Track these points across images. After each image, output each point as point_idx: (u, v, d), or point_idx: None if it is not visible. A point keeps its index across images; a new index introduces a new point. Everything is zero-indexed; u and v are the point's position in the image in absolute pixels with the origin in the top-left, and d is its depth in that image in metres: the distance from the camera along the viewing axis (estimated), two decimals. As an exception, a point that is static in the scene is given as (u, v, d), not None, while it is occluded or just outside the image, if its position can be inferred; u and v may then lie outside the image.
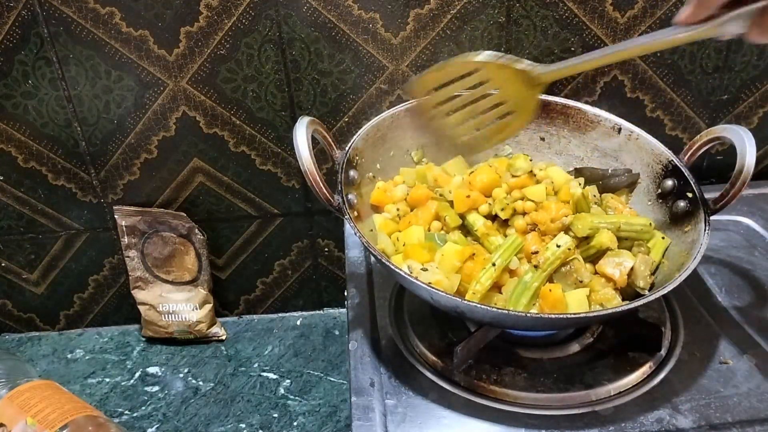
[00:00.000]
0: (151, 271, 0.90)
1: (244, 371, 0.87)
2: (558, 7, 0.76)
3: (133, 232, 0.88)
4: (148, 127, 0.81)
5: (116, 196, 0.87)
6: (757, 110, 0.85)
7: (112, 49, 0.76)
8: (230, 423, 0.80)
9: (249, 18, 0.75)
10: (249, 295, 0.97)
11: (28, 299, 0.95)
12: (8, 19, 0.74)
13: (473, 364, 0.58)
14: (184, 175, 0.85)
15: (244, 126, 0.82)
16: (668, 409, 0.54)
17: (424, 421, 0.54)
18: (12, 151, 0.82)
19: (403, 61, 0.78)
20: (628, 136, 0.70)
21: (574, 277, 0.58)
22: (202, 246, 0.89)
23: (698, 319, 0.64)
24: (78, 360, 0.91)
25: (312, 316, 0.97)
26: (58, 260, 0.92)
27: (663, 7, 0.76)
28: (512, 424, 0.53)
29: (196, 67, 0.78)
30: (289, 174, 0.86)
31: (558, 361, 0.59)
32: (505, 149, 0.74)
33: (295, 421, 0.80)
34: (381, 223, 0.65)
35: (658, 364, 0.58)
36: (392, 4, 0.75)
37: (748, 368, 0.57)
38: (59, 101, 0.79)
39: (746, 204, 0.80)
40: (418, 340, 0.61)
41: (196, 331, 0.91)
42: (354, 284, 0.70)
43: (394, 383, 0.58)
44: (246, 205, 0.89)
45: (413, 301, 0.66)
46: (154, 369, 0.89)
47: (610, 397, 0.55)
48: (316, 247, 0.93)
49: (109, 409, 0.82)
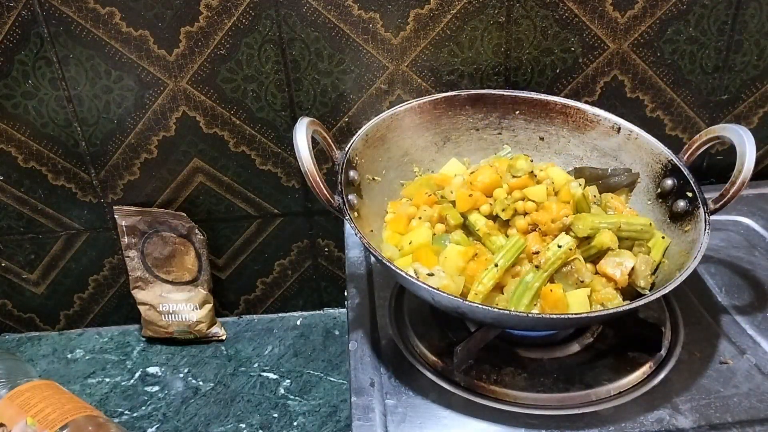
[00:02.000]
0: (151, 271, 0.90)
1: (244, 371, 0.87)
2: (558, 7, 0.76)
3: (133, 232, 0.88)
4: (148, 127, 0.81)
5: (116, 196, 0.87)
6: (757, 110, 0.85)
7: (112, 49, 0.76)
8: (230, 423, 0.80)
9: (249, 18, 0.75)
10: (249, 295, 0.97)
11: (28, 299, 0.95)
12: (8, 19, 0.74)
13: (473, 364, 0.58)
14: (184, 175, 0.85)
15: (244, 126, 0.82)
16: (668, 409, 0.54)
17: (424, 421, 0.54)
18: (12, 151, 0.82)
19: (403, 61, 0.78)
20: (628, 135, 0.70)
21: (575, 277, 0.58)
22: (202, 246, 0.89)
23: (698, 319, 0.64)
24: (78, 360, 0.91)
25: (312, 316, 0.97)
26: (58, 260, 0.92)
27: (663, 7, 0.76)
28: (512, 424, 0.53)
29: (196, 67, 0.78)
30: (289, 174, 0.86)
31: (558, 361, 0.59)
32: (504, 149, 0.74)
33: (295, 421, 0.80)
34: (388, 235, 0.66)
35: (658, 364, 0.58)
36: (392, 4, 0.75)
37: (748, 368, 0.57)
38: (59, 101, 0.79)
39: (746, 204, 0.80)
40: (418, 340, 0.61)
41: (196, 331, 0.91)
42: (354, 284, 0.70)
43: (394, 383, 0.58)
44: (246, 205, 0.89)
45: (413, 301, 0.66)
46: (154, 369, 0.89)
47: (610, 397, 0.55)
48: (316, 247, 0.93)
49: (109, 409, 0.82)
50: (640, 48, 0.79)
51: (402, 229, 0.66)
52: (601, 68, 0.80)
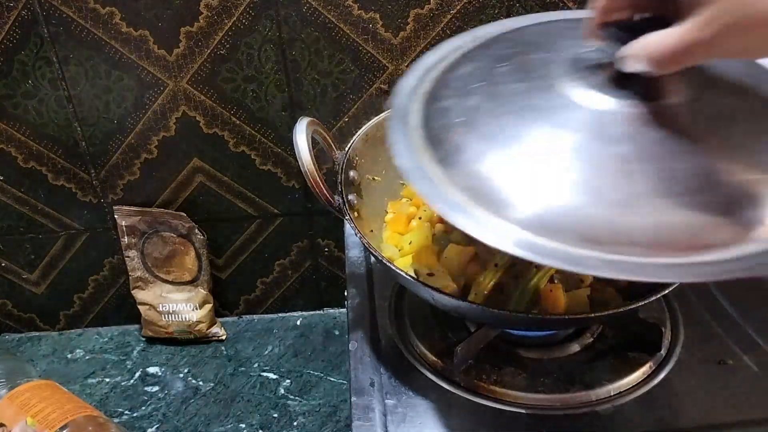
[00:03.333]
0: (151, 271, 0.90)
1: (244, 371, 0.87)
2: (558, 7, 0.76)
3: (133, 232, 0.88)
4: (148, 127, 0.81)
5: (116, 196, 0.87)
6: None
7: (112, 49, 0.76)
8: (230, 423, 0.80)
9: (249, 18, 0.75)
10: (249, 295, 0.97)
11: (28, 299, 0.95)
12: (8, 19, 0.74)
13: (473, 364, 0.58)
14: (184, 175, 0.85)
15: (244, 126, 0.82)
16: (668, 409, 0.54)
17: (424, 421, 0.54)
18: (12, 151, 0.82)
19: (403, 61, 0.78)
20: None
21: (575, 277, 0.58)
22: (202, 246, 0.89)
23: (698, 319, 0.64)
24: (78, 360, 0.91)
25: (312, 316, 0.97)
26: (58, 260, 0.92)
27: (663, 7, 0.76)
28: (512, 425, 0.53)
29: (196, 67, 0.78)
30: (289, 174, 0.86)
31: (558, 361, 0.59)
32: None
33: (295, 421, 0.80)
34: (388, 235, 0.66)
35: (658, 364, 0.58)
36: (392, 4, 0.75)
37: (748, 368, 0.57)
38: (59, 101, 0.79)
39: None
40: (418, 340, 0.61)
41: (196, 331, 0.91)
42: (354, 284, 0.70)
43: (394, 383, 0.58)
44: (246, 205, 0.89)
45: (413, 301, 0.66)
46: (154, 369, 0.89)
47: (610, 397, 0.55)
48: (316, 247, 0.93)
49: (109, 409, 0.82)
50: (640, 48, 0.79)
51: (402, 229, 0.66)
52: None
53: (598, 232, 0.38)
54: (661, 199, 0.39)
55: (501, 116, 0.44)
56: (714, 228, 0.38)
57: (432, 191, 0.43)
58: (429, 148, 0.46)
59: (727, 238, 0.38)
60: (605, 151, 0.41)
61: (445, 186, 0.43)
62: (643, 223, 0.38)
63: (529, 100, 0.44)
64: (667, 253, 0.38)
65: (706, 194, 0.39)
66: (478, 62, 0.50)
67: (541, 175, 0.41)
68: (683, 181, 0.39)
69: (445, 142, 0.45)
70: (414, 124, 0.48)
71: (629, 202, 0.39)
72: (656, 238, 0.38)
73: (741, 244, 0.38)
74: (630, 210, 0.39)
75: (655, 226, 0.38)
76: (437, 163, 0.45)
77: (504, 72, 0.47)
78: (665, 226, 0.38)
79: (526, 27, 0.54)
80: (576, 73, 0.44)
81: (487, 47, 0.52)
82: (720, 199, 0.39)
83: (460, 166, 0.43)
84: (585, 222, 0.39)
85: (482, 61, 0.50)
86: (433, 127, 0.47)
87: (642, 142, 0.40)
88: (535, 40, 0.51)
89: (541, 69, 0.46)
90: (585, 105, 0.43)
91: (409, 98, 0.50)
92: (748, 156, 0.41)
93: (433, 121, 0.48)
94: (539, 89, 0.44)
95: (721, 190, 0.39)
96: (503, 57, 0.49)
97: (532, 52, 0.48)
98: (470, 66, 0.50)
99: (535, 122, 0.43)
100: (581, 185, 0.40)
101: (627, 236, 0.38)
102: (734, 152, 0.41)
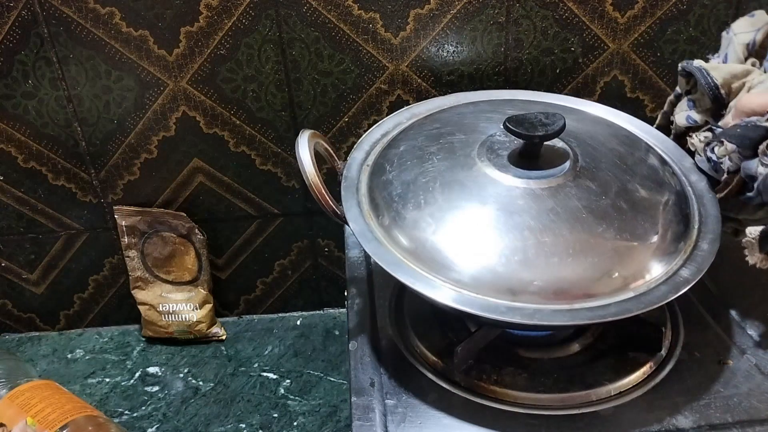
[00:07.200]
0: (151, 271, 0.90)
1: (244, 371, 0.87)
2: (558, 7, 0.76)
3: (133, 232, 0.88)
4: (148, 127, 0.81)
5: (116, 196, 0.87)
6: (757, 110, 0.84)
7: (112, 49, 0.76)
8: (230, 423, 0.80)
9: (249, 18, 0.75)
10: (249, 295, 0.97)
11: (28, 299, 0.95)
12: (8, 19, 0.74)
13: (473, 364, 0.58)
14: (184, 175, 0.85)
15: (244, 126, 0.82)
16: (668, 409, 0.54)
17: (424, 421, 0.54)
18: (12, 151, 0.82)
19: (403, 61, 0.78)
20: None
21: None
22: (202, 246, 0.89)
23: (698, 319, 0.64)
24: (78, 360, 0.91)
25: (312, 316, 0.97)
26: (58, 260, 0.92)
27: (663, 7, 0.76)
28: (512, 425, 0.53)
29: (196, 67, 0.78)
30: (289, 174, 0.86)
31: (558, 361, 0.59)
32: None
33: (295, 421, 0.80)
34: None
35: (658, 364, 0.58)
36: (392, 4, 0.75)
37: (748, 368, 0.57)
38: (59, 101, 0.79)
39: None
40: (418, 340, 0.61)
41: (196, 331, 0.91)
42: (354, 284, 0.70)
43: (394, 383, 0.58)
44: (246, 205, 0.89)
45: (413, 302, 0.66)
46: (154, 369, 0.89)
47: (611, 397, 0.55)
48: (316, 247, 0.93)
49: (109, 409, 0.82)
50: (640, 48, 0.79)
51: None
52: (601, 68, 0.80)
53: (513, 285, 0.50)
54: (554, 258, 0.50)
55: (433, 190, 0.55)
56: (595, 281, 0.51)
57: (379, 252, 0.54)
58: (375, 215, 0.57)
59: (607, 289, 0.51)
60: (511, 221, 0.52)
61: (390, 247, 0.54)
62: (541, 277, 0.50)
63: (454, 176, 0.56)
64: (560, 301, 0.50)
65: (588, 255, 0.51)
66: (413, 141, 0.61)
67: (465, 241, 0.52)
68: (570, 245, 0.51)
69: (389, 210, 0.56)
70: (363, 192, 0.59)
71: (529, 262, 0.50)
72: (552, 289, 0.50)
73: (620, 293, 0.51)
74: (530, 269, 0.50)
75: (548, 280, 0.50)
76: (383, 228, 0.55)
77: (433, 151, 0.58)
78: (557, 280, 0.50)
79: (453, 107, 0.68)
80: (491, 154, 0.57)
81: (420, 126, 0.64)
82: (597, 259, 0.51)
83: (401, 231, 0.54)
84: (501, 278, 0.50)
85: (416, 139, 0.61)
86: (378, 197, 0.58)
87: (538, 212, 0.52)
88: (459, 120, 0.63)
89: (465, 149, 0.58)
90: (497, 180, 0.54)
91: (358, 169, 0.62)
92: (621, 224, 0.52)
93: (378, 191, 0.58)
94: (462, 166, 0.56)
95: (599, 252, 0.51)
96: (433, 137, 0.61)
97: (457, 132, 0.60)
98: (405, 144, 0.61)
99: (460, 195, 0.55)
100: (495, 249, 0.51)
101: (530, 288, 0.50)
102: (608, 222, 0.52)
